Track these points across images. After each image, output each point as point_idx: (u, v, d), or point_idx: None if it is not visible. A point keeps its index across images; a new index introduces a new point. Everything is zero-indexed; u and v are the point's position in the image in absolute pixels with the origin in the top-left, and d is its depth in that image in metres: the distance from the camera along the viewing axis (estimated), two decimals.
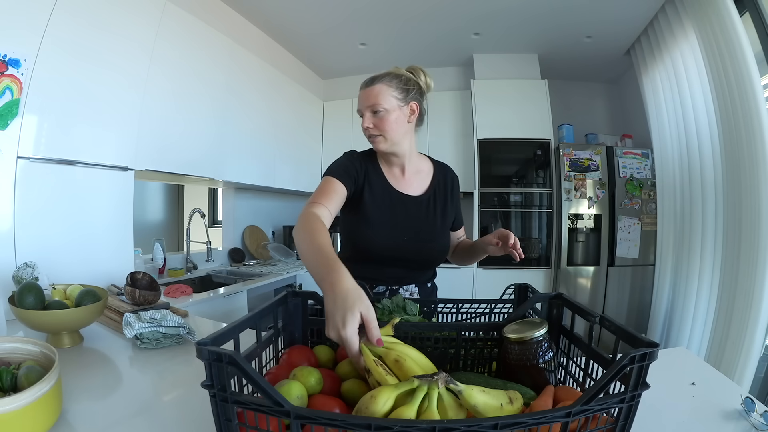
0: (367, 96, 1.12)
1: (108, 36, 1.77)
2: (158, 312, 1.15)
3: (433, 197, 1.24)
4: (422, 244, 1.19)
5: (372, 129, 1.12)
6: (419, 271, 1.24)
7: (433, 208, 1.23)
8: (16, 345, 0.80)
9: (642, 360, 0.51)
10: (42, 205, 1.57)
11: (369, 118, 1.12)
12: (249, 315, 0.68)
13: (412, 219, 1.20)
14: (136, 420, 0.76)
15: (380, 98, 1.10)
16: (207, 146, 2.48)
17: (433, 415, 0.52)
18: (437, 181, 1.26)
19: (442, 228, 1.24)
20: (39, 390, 0.65)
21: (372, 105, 1.11)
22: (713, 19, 2.28)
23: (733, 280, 2.19)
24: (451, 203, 1.27)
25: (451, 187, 1.28)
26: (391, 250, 1.17)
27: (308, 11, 3.11)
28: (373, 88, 1.11)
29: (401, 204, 1.20)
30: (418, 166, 1.26)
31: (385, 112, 1.11)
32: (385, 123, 1.11)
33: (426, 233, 1.20)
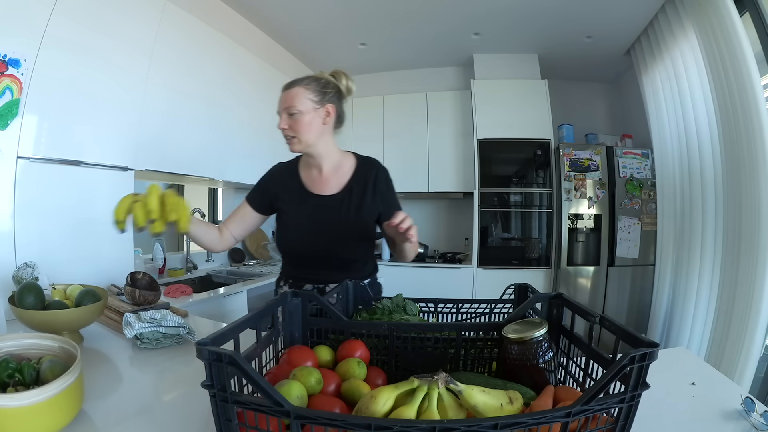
0: (284, 98, 1.17)
1: (108, 36, 1.77)
2: (158, 312, 1.15)
3: (348, 195, 1.24)
4: (336, 243, 1.22)
5: (287, 130, 1.17)
6: (341, 269, 1.24)
7: (347, 205, 1.23)
8: (33, 341, 0.82)
9: (642, 360, 0.51)
10: (42, 205, 1.57)
11: (285, 120, 1.17)
12: (249, 315, 0.68)
13: (325, 218, 1.23)
14: (136, 420, 0.75)
15: (296, 101, 1.15)
16: (207, 146, 2.48)
17: (433, 415, 0.52)
18: (357, 177, 1.26)
19: (358, 224, 1.23)
20: (64, 382, 0.67)
21: (288, 107, 1.15)
22: (713, 19, 2.28)
23: (733, 280, 2.19)
24: (374, 198, 1.25)
25: (374, 181, 1.26)
26: (307, 250, 1.24)
27: (308, 11, 3.11)
28: (291, 91, 1.16)
29: (314, 205, 1.24)
30: (339, 164, 1.27)
31: (299, 114, 1.15)
32: (298, 125, 1.15)
33: (339, 231, 1.22)
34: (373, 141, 3.97)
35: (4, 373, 0.71)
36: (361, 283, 1.03)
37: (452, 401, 0.54)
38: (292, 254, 1.31)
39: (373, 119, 4.02)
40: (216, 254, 2.96)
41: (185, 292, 1.98)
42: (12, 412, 0.62)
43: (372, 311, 0.97)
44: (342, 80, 1.23)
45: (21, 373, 0.72)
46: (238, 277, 2.70)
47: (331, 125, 1.22)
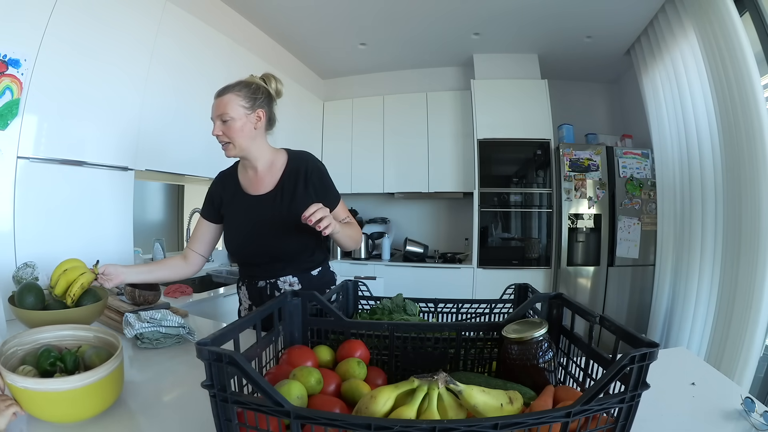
0: (217, 105, 1.21)
1: (108, 36, 1.77)
2: (158, 312, 1.15)
3: (280, 191, 1.26)
4: (276, 238, 1.25)
5: (221, 136, 1.21)
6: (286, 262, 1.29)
7: (280, 201, 1.25)
8: (68, 332, 0.89)
9: (642, 360, 0.51)
10: (42, 205, 1.57)
11: (218, 127, 1.20)
12: (249, 315, 0.68)
13: (261, 216, 1.26)
14: (136, 420, 0.76)
15: (228, 108, 1.18)
16: (207, 146, 2.46)
17: (433, 415, 0.52)
18: (288, 173, 1.28)
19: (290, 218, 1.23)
20: (112, 365, 0.74)
21: (221, 114, 1.19)
22: (713, 19, 2.28)
23: (733, 280, 2.19)
24: (306, 190, 1.26)
25: (305, 174, 1.27)
26: (251, 249, 1.28)
27: (308, 11, 3.11)
28: (223, 99, 1.19)
29: (250, 205, 1.28)
30: (272, 163, 1.30)
31: (231, 121, 1.18)
32: (231, 131, 1.19)
33: (276, 227, 1.24)
34: (373, 141, 3.97)
35: (47, 362, 0.76)
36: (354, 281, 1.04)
37: (452, 401, 0.54)
38: (239, 255, 1.36)
39: (373, 119, 4.02)
40: (216, 254, 2.96)
41: (185, 292, 1.98)
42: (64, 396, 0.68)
43: (372, 311, 0.97)
44: (272, 84, 1.27)
45: (63, 361, 0.78)
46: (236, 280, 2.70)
47: (262, 128, 1.26)
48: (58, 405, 0.69)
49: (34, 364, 0.78)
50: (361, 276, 3.38)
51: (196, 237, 1.37)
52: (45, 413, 0.71)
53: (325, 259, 1.38)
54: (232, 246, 1.34)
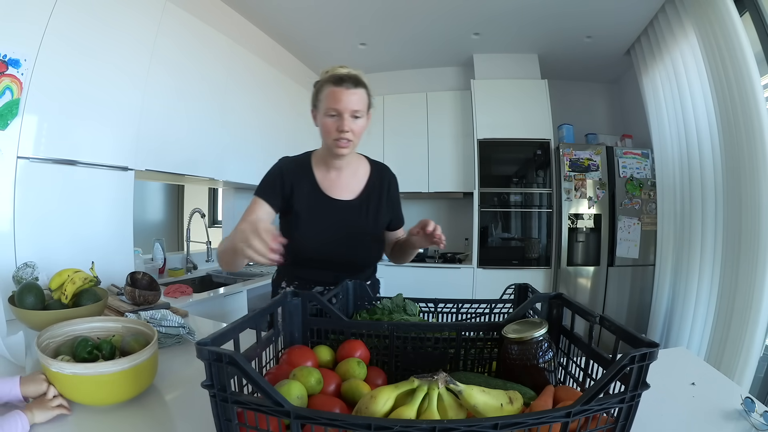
0: (351, 99, 1.08)
1: (108, 36, 1.77)
2: (158, 312, 1.15)
3: (366, 201, 1.23)
4: (352, 249, 1.20)
5: (350, 134, 1.10)
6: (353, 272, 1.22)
7: (365, 211, 1.22)
8: (98, 324, 0.94)
9: (642, 360, 0.51)
10: (42, 204, 1.57)
11: (349, 122, 1.09)
12: (249, 315, 0.68)
13: (343, 224, 1.20)
14: (136, 420, 0.76)
15: (362, 104, 1.10)
16: (207, 146, 2.48)
17: (433, 415, 0.52)
18: (372, 183, 1.25)
19: (374, 231, 1.23)
20: (152, 349, 0.81)
21: (355, 110, 1.09)
22: (713, 19, 2.28)
23: (733, 280, 2.19)
24: (387, 205, 1.26)
25: (387, 188, 1.26)
26: (321, 254, 1.19)
27: (308, 11, 3.11)
28: (358, 92, 1.09)
29: (332, 209, 1.20)
30: (356, 168, 1.26)
31: (361, 119, 1.11)
32: (359, 129, 1.12)
33: (356, 238, 1.20)
34: (373, 141, 3.97)
35: (85, 351, 0.82)
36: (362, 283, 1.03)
37: (452, 401, 0.54)
38: (305, 256, 1.21)
39: (373, 119, 3.97)
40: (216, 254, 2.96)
41: (185, 292, 1.98)
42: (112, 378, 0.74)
43: (372, 311, 0.97)
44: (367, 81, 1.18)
45: (99, 349, 0.84)
46: (238, 277, 2.70)
47: None
48: (104, 387, 0.75)
49: (70, 353, 0.83)
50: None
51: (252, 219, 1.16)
52: (90, 397, 0.76)
53: (375, 270, 1.37)
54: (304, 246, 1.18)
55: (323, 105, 1.12)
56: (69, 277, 1.14)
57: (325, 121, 1.12)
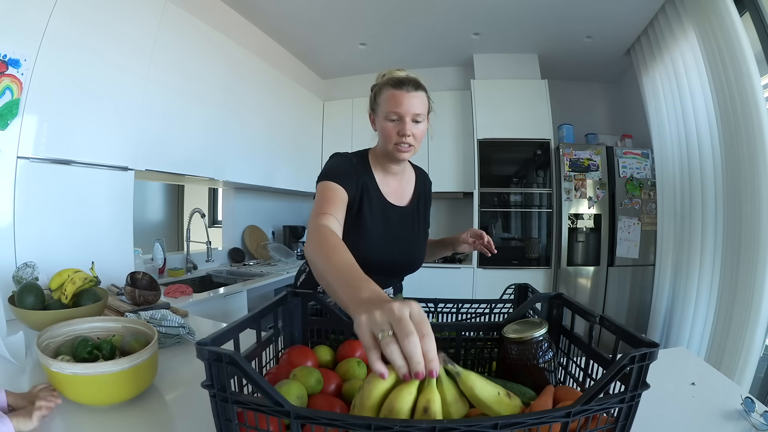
0: (413, 102, 1.04)
1: (108, 36, 1.77)
2: (158, 312, 1.15)
3: (416, 207, 1.24)
4: (410, 255, 1.21)
5: (411, 138, 1.06)
6: (398, 276, 1.28)
7: (417, 217, 1.23)
8: (98, 324, 0.95)
9: (642, 360, 0.51)
10: (42, 205, 1.57)
11: (410, 126, 1.05)
12: (249, 315, 0.68)
13: (402, 231, 1.20)
14: (136, 420, 0.76)
15: (423, 108, 1.06)
16: (207, 146, 2.48)
17: (432, 393, 0.52)
18: (419, 189, 1.26)
19: (425, 236, 1.25)
20: (153, 348, 0.82)
21: (418, 114, 1.05)
22: (713, 19, 2.28)
23: (733, 280, 2.19)
24: (427, 209, 1.28)
25: (427, 193, 1.28)
26: (382, 261, 1.15)
27: (308, 11, 3.11)
28: (419, 95, 1.05)
29: (393, 216, 1.18)
30: (408, 174, 1.27)
31: (423, 123, 1.07)
32: (421, 134, 1.08)
33: (413, 243, 1.21)
34: (373, 141, 3.95)
35: (85, 351, 0.82)
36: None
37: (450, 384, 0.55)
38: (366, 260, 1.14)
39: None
40: (216, 254, 2.96)
41: (185, 292, 1.98)
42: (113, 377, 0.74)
43: None
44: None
45: (99, 349, 0.84)
46: (238, 277, 2.70)
47: None
48: (104, 387, 0.75)
49: (71, 353, 0.83)
50: None
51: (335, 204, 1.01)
52: (90, 397, 0.76)
53: None
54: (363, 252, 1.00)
55: (383, 108, 1.08)
56: (69, 277, 1.14)
57: (385, 125, 1.08)
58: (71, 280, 1.13)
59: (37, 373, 0.92)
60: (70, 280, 1.13)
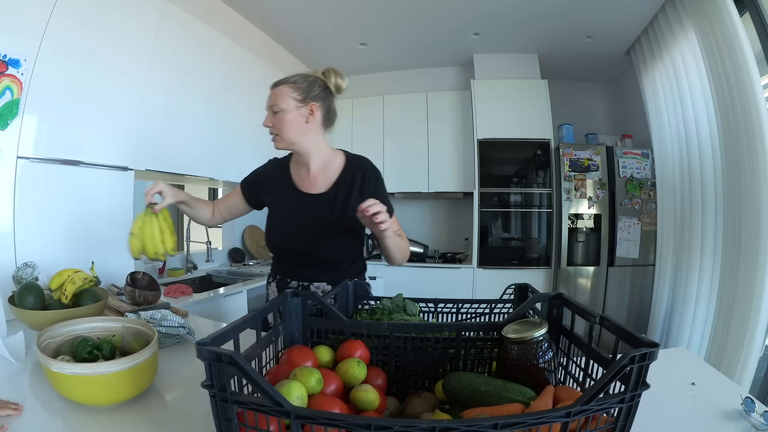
0: (270, 96, 1.19)
1: (108, 36, 1.77)
2: (158, 312, 1.15)
3: (335, 194, 1.23)
4: (321, 242, 1.22)
5: (271, 128, 1.19)
6: (326, 268, 1.26)
7: (333, 204, 1.22)
8: (98, 324, 0.95)
9: (642, 360, 0.51)
10: (42, 205, 1.57)
11: (269, 118, 1.19)
12: (249, 315, 0.68)
13: (312, 217, 1.23)
14: (135, 420, 0.76)
15: (278, 99, 1.16)
16: (207, 146, 2.48)
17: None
18: (344, 176, 1.25)
19: (342, 224, 1.22)
20: (153, 348, 0.82)
21: (272, 105, 1.17)
22: (713, 19, 2.28)
23: (733, 280, 2.19)
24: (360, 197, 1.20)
25: (361, 180, 1.24)
26: (292, 248, 1.25)
27: (308, 11, 3.11)
28: (276, 90, 1.18)
29: (301, 203, 1.25)
30: (327, 163, 1.26)
31: (281, 113, 1.16)
32: (281, 123, 1.17)
33: (324, 230, 1.22)
34: (373, 141, 3.97)
35: (85, 351, 0.82)
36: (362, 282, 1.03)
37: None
38: (278, 251, 1.32)
39: (373, 119, 4.02)
40: (216, 254, 2.96)
41: (185, 292, 1.98)
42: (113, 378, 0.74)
43: (372, 311, 0.97)
44: (331, 78, 1.22)
45: (99, 349, 0.84)
46: (238, 277, 2.70)
47: (316, 124, 1.21)
48: (104, 387, 0.75)
49: (71, 353, 0.83)
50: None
51: (226, 202, 1.38)
52: (90, 397, 0.76)
53: (363, 270, 1.35)
54: (275, 239, 1.29)
55: None
56: (69, 277, 1.14)
57: None
58: (71, 280, 1.13)
59: (37, 373, 0.92)
60: (70, 280, 1.13)
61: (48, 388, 0.82)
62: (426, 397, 0.71)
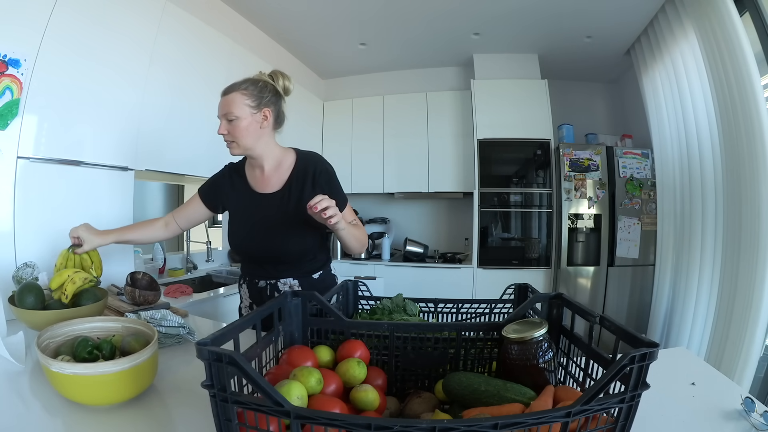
0: (222, 104, 1.19)
1: (108, 36, 1.77)
2: (158, 312, 1.15)
3: (288, 191, 1.25)
4: (280, 239, 1.23)
5: (226, 135, 1.20)
6: (290, 264, 1.28)
7: (287, 201, 1.24)
8: (98, 324, 0.96)
9: (642, 360, 0.51)
10: (42, 204, 1.57)
11: (224, 126, 1.19)
12: (249, 315, 0.68)
13: (266, 216, 1.25)
14: (135, 420, 0.76)
15: (233, 107, 1.16)
16: (207, 146, 2.47)
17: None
18: (296, 173, 1.27)
19: (296, 220, 1.22)
20: (153, 348, 0.81)
21: (226, 113, 1.17)
22: (713, 19, 2.28)
23: (733, 280, 2.19)
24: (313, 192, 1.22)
25: (313, 176, 1.25)
26: (254, 248, 1.28)
27: (308, 11, 3.11)
28: (228, 97, 1.17)
29: (256, 203, 1.27)
30: (279, 162, 1.28)
31: (237, 120, 1.17)
32: (236, 130, 1.18)
33: (280, 227, 1.23)
34: (373, 141, 3.97)
35: (85, 351, 0.82)
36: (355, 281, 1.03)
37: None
38: (242, 253, 1.35)
39: (373, 119, 4.02)
40: (216, 254, 2.96)
41: (185, 292, 1.98)
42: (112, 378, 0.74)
43: (372, 311, 0.97)
44: (279, 81, 1.24)
45: (99, 349, 0.84)
46: (238, 277, 2.70)
47: (269, 127, 1.23)
48: (104, 387, 0.75)
49: (71, 353, 0.83)
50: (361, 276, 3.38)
51: (184, 211, 1.40)
52: (90, 397, 0.76)
53: (327, 262, 1.37)
54: (235, 241, 1.32)
55: None
56: (69, 277, 1.14)
57: None
58: (71, 280, 1.13)
59: (37, 373, 0.92)
60: (70, 280, 1.13)
61: (48, 388, 0.82)
62: (426, 397, 0.71)
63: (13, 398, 0.82)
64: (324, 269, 1.35)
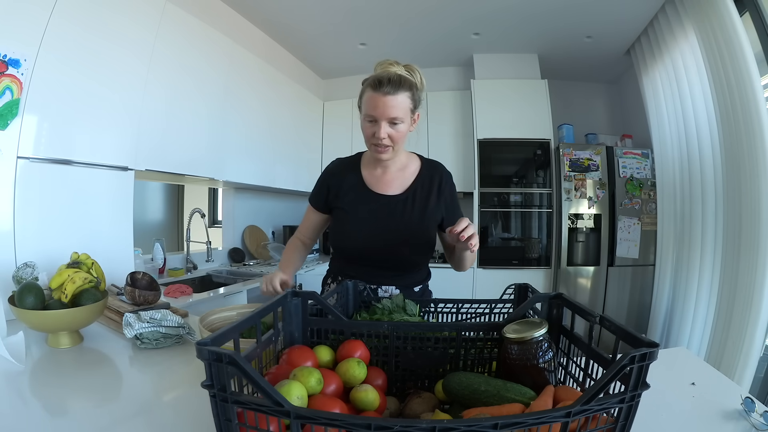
0: (388, 105, 1.05)
1: (108, 36, 1.77)
2: (158, 312, 1.15)
3: (412, 196, 1.20)
4: (395, 244, 1.17)
5: (386, 140, 1.09)
6: (397, 272, 1.21)
7: (411, 207, 1.19)
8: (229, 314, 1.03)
9: (642, 360, 0.51)
10: (42, 204, 1.57)
11: (385, 129, 1.08)
12: (249, 315, 0.68)
13: (387, 219, 1.18)
14: (136, 420, 0.76)
15: (401, 111, 1.06)
16: (207, 146, 2.48)
17: None
18: (421, 179, 1.23)
19: (420, 228, 1.19)
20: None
21: (393, 117, 1.06)
22: (713, 19, 2.28)
23: (733, 280, 2.19)
24: (438, 202, 1.21)
25: (438, 185, 1.22)
26: (364, 249, 1.19)
27: (308, 11, 3.11)
28: (396, 98, 1.05)
29: (376, 204, 1.19)
30: (405, 165, 1.24)
31: (401, 125, 1.08)
32: (398, 135, 1.09)
33: (399, 233, 1.17)
34: None
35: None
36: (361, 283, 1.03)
37: None
38: (348, 252, 1.24)
39: None
40: (216, 254, 2.96)
41: (185, 292, 1.98)
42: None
43: (372, 311, 0.97)
44: (417, 77, 1.15)
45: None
46: (238, 277, 2.70)
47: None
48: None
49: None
50: None
51: (306, 227, 1.33)
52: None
53: (427, 277, 1.31)
54: (346, 242, 1.22)
55: (363, 109, 1.12)
56: (69, 277, 1.14)
57: (363, 125, 1.12)
58: (71, 279, 1.13)
59: (37, 373, 0.92)
60: (70, 280, 1.13)
61: (48, 388, 0.81)
62: (426, 397, 0.71)
63: (13, 398, 0.82)
64: (424, 284, 1.29)
